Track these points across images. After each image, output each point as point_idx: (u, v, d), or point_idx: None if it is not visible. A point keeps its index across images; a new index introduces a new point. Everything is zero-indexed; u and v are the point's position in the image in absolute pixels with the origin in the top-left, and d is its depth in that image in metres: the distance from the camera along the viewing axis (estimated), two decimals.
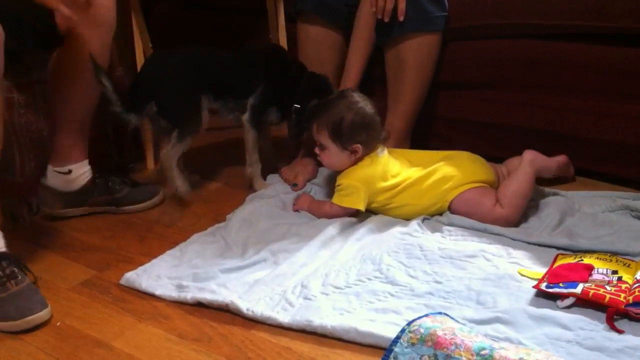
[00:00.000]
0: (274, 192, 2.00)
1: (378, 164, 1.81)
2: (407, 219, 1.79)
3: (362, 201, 1.79)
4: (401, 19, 1.91)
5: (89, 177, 1.93)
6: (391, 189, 1.79)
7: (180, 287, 1.54)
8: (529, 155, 1.79)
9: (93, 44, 1.79)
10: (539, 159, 1.81)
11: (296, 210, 1.90)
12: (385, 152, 1.85)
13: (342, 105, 1.82)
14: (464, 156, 1.84)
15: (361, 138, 1.80)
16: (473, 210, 1.74)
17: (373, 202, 1.81)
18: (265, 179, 2.08)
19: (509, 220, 1.72)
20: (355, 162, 1.82)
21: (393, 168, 1.81)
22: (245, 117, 2.03)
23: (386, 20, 1.92)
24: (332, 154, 1.84)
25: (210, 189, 2.11)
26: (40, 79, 1.92)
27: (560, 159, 1.92)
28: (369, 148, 1.82)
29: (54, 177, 1.90)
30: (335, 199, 1.83)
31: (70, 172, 1.89)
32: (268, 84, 2.00)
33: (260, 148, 2.08)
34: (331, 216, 1.82)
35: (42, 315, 1.46)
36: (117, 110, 1.92)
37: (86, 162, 1.92)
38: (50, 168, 1.90)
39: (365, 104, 1.83)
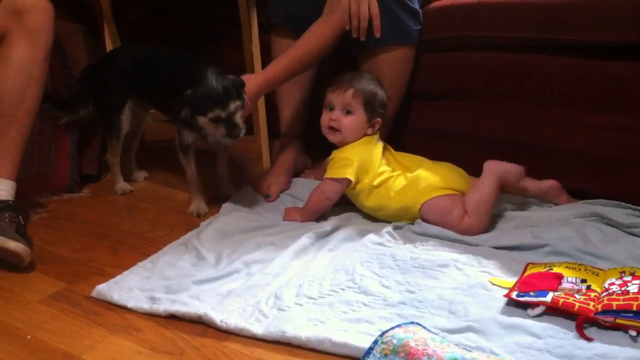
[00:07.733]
0: (248, 203, 2.00)
1: (375, 146, 1.87)
2: (378, 216, 1.84)
3: (352, 172, 1.83)
4: (377, 35, 1.92)
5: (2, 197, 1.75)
6: (376, 174, 1.83)
7: (152, 299, 1.53)
8: (489, 164, 1.79)
9: (24, 55, 1.77)
10: (500, 166, 1.79)
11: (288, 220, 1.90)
12: (381, 143, 1.90)
13: (372, 81, 1.90)
14: (446, 165, 1.88)
15: (380, 115, 1.89)
16: (443, 219, 1.76)
17: (359, 181, 1.84)
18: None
19: (475, 228, 1.74)
20: (362, 137, 1.88)
21: (380, 163, 1.86)
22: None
23: (362, 39, 1.92)
24: (357, 121, 1.88)
25: (182, 200, 2.09)
26: None
27: (549, 183, 1.87)
28: (377, 129, 1.91)
29: None
30: (328, 172, 1.86)
31: None
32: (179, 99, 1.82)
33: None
34: (324, 200, 1.85)
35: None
36: (64, 119, 2.04)
37: (9, 183, 1.77)
38: None
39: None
